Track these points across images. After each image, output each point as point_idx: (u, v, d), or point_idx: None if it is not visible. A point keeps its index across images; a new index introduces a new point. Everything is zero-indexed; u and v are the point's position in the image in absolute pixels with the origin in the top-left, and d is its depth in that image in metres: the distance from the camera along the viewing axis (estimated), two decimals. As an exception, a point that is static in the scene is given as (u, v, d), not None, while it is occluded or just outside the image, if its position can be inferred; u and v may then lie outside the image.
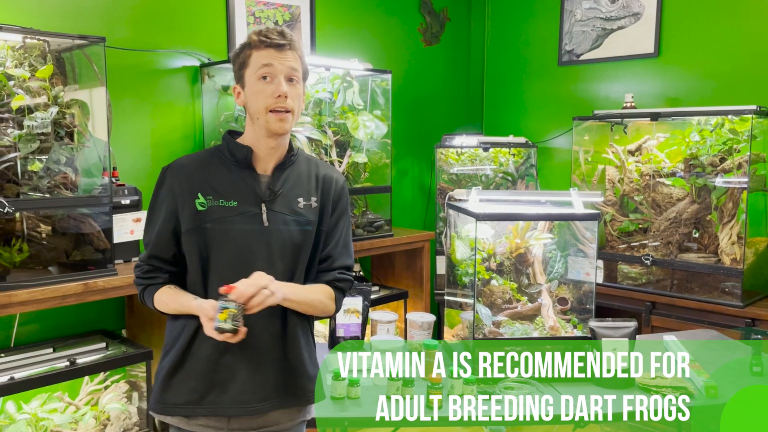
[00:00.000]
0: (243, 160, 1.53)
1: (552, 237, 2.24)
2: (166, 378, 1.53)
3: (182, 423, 1.53)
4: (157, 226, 1.54)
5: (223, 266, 1.50)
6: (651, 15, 3.40)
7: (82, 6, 2.56)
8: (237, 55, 1.52)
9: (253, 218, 1.50)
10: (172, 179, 1.52)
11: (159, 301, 1.55)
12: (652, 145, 3.15)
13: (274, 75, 1.46)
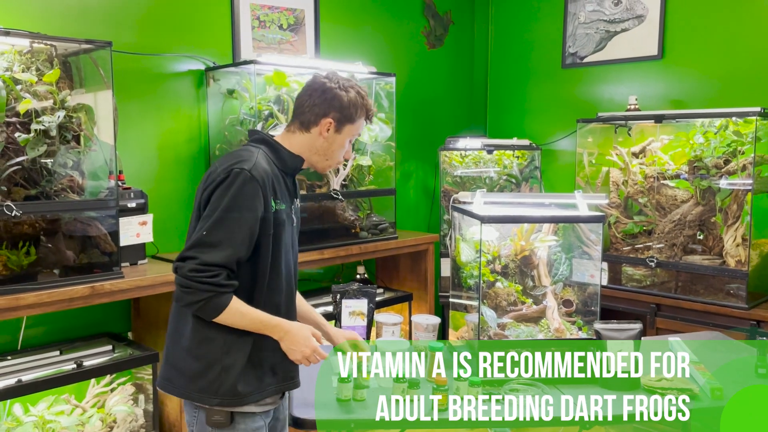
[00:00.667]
0: (293, 169, 1.70)
1: (557, 239, 2.25)
2: (241, 373, 1.58)
3: (251, 408, 1.63)
4: (247, 227, 1.52)
5: (279, 264, 1.63)
6: (654, 17, 3.40)
7: (88, 11, 2.57)
8: (353, 106, 1.67)
9: (290, 220, 1.69)
10: (260, 182, 1.55)
11: (232, 314, 1.53)
12: (656, 147, 3.15)
13: (350, 142, 1.74)
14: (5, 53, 2.14)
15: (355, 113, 1.67)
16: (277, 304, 1.64)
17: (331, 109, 1.65)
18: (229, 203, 1.51)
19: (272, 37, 3.16)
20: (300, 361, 1.62)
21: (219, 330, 1.56)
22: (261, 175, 1.55)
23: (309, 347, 1.61)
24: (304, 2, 3.27)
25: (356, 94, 1.68)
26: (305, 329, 1.63)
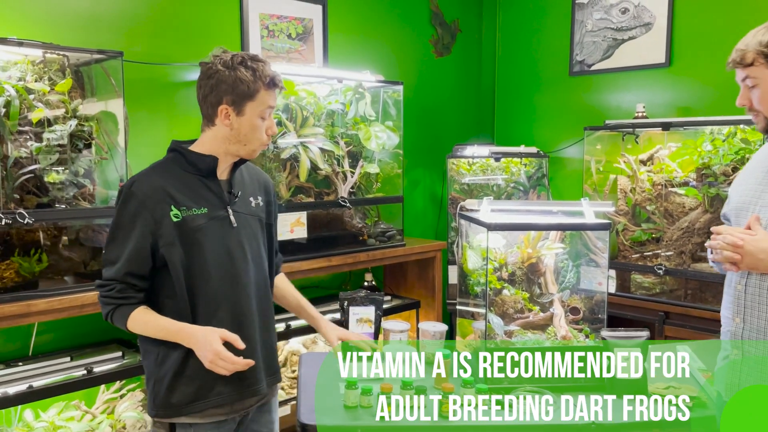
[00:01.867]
0: (207, 169, 1.61)
1: (563, 247, 2.25)
2: (170, 383, 1.57)
3: (193, 419, 1.59)
4: (132, 243, 1.53)
5: (207, 270, 1.57)
6: (662, 25, 3.41)
7: (100, 21, 2.61)
8: (242, 83, 1.54)
9: (224, 221, 1.60)
10: (142, 194, 1.54)
11: (136, 322, 1.55)
12: (663, 155, 3.15)
13: (270, 114, 1.61)
14: (18, 63, 2.17)
15: (248, 88, 1.53)
16: (214, 311, 1.57)
17: (221, 93, 1.54)
18: (115, 220, 1.56)
19: (281, 46, 3.19)
20: (211, 368, 1.50)
21: (153, 343, 1.58)
22: (143, 190, 1.54)
23: (210, 351, 1.48)
24: (313, 12, 3.30)
25: (245, 68, 1.53)
26: (210, 333, 1.50)
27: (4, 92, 2.07)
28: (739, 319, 1.50)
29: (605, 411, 1.88)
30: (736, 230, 1.47)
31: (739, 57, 1.47)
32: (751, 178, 1.53)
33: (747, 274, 1.48)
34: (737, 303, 1.51)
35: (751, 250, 1.41)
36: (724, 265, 1.49)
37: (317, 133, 2.93)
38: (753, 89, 1.45)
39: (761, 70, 1.43)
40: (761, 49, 1.43)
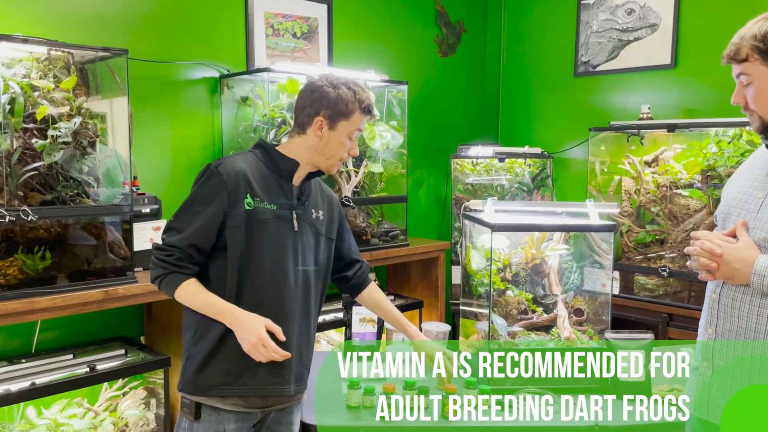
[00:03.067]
0: (287, 171, 1.70)
1: (567, 248, 2.24)
2: (202, 362, 1.62)
3: (217, 402, 1.63)
4: (203, 217, 1.61)
5: (262, 262, 1.64)
6: (668, 26, 3.40)
7: (105, 19, 2.61)
8: (342, 102, 1.67)
9: (288, 222, 1.68)
10: (227, 175, 1.62)
11: (186, 293, 1.61)
12: (668, 156, 3.14)
13: (356, 137, 1.73)
14: (23, 60, 2.17)
15: (346, 108, 1.66)
16: (258, 303, 1.63)
17: (321, 107, 1.66)
18: (193, 194, 1.65)
19: (286, 45, 3.19)
20: (250, 351, 1.57)
21: (194, 320, 1.65)
22: (228, 172, 1.62)
23: (255, 335, 1.55)
24: (318, 11, 3.30)
25: (347, 89, 1.67)
26: (258, 319, 1.58)
27: (8, 89, 2.07)
28: (712, 330, 1.41)
29: (605, 412, 1.88)
30: (716, 236, 1.37)
31: (733, 51, 1.36)
32: (741, 181, 1.45)
33: (722, 284, 1.39)
34: (711, 313, 1.42)
35: (728, 259, 1.32)
36: (701, 274, 1.40)
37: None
38: (747, 87, 1.36)
39: (756, 67, 1.32)
40: (756, 44, 1.31)
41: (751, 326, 1.31)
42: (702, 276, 1.40)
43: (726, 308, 1.37)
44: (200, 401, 1.63)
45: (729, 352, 1.36)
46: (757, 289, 1.29)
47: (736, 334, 1.34)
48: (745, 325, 1.32)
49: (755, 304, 1.30)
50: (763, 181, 1.37)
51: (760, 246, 1.31)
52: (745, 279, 1.29)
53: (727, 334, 1.36)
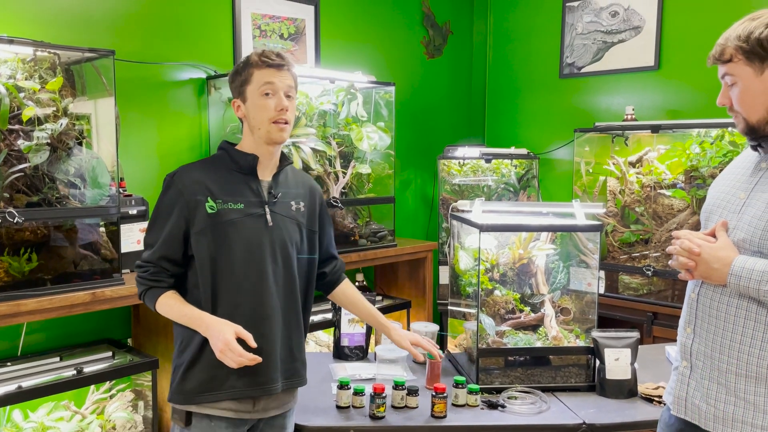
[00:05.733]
0: (248, 166, 1.67)
1: (554, 248, 2.27)
2: (186, 370, 1.63)
3: (207, 409, 1.62)
4: (168, 228, 1.62)
5: (234, 263, 1.62)
6: (651, 28, 3.44)
7: (91, 19, 2.60)
8: (238, 73, 1.67)
9: (259, 219, 1.65)
10: (181, 184, 1.62)
11: (164, 305, 1.63)
12: (652, 157, 3.18)
13: (275, 91, 1.63)
14: (9, 61, 2.16)
15: (243, 75, 1.64)
16: (236, 304, 1.61)
17: (232, 91, 1.69)
18: (156, 207, 1.67)
19: (273, 46, 3.18)
20: (221, 358, 1.54)
21: (180, 330, 1.66)
22: (183, 179, 1.63)
23: (222, 341, 1.52)
24: (305, 12, 3.30)
25: (242, 61, 1.67)
26: (227, 326, 1.55)
27: (-6, 90, 2.05)
28: (690, 330, 1.42)
29: (595, 412, 1.90)
30: (696, 236, 1.37)
31: (718, 52, 1.37)
32: (725, 182, 1.47)
33: (701, 284, 1.39)
34: (690, 313, 1.43)
35: (706, 259, 1.32)
36: (680, 273, 1.40)
37: (309, 133, 2.93)
38: (732, 87, 1.36)
39: (740, 67, 1.33)
40: (740, 44, 1.31)
41: (728, 327, 1.33)
42: (681, 275, 1.41)
43: (704, 308, 1.38)
44: (190, 410, 1.63)
45: (706, 352, 1.37)
46: (734, 289, 1.30)
47: (714, 334, 1.35)
48: (722, 325, 1.34)
49: (732, 305, 1.32)
50: (746, 181, 1.39)
51: (739, 246, 1.32)
52: (722, 279, 1.31)
53: (705, 333, 1.37)
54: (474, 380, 2.05)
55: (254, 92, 1.63)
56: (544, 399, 1.96)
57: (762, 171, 1.36)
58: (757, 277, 1.25)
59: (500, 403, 1.93)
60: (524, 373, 2.09)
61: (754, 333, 1.29)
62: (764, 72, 1.30)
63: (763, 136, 1.36)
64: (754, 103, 1.33)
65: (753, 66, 1.31)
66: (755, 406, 1.30)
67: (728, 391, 1.33)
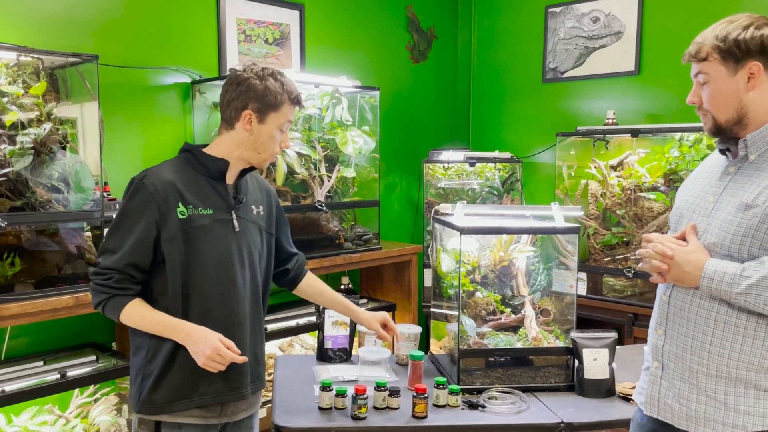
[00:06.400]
0: (217, 172, 1.65)
1: (535, 250, 2.30)
2: (157, 380, 1.58)
3: (177, 417, 1.60)
4: (137, 233, 1.55)
5: (205, 270, 1.60)
6: (632, 34, 3.50)
7: (76, 24, 2.61)
8: (270, 93, 1.61)
9: (227, 224, 1.64)
10: (153, 187, 1.56)
11: (131, 314, 1.56)
12: (633, 161, 3.23)
13: (286, 129, 1.68)
14: (-8, 66, 2.17)
15: (275, 99, 1.61)
16: (206, 311, 1.59)
17: (248, 100, 1.60)
18: (121, 212, 1.59)
19: (258, 51, 3.21)
20: (205, 365, 1.53)
21: (145, 339, 1.60)
22: (154, 183, 1.56)
23: (209, 347, 1.51)
24: (290, 17, 3.32)
25: (274, 80, 1.61)
26: (209, 332, 1.54)
27: (-23, 95, 2.06)
28: (662, 331, 1.45)
29: (574, 411, 1.94)
30: (668, 239, 1.40)
31: (695, 50, 1.41)
32: (694, 185, 1.50)
33: (672, 286, 1.42)
34: (661, 314, 1.45)
35: (678, 262, 1.35)
36: (652, 276, 1.44)
37: (294, 137, 2.95)
38: (704, 86, 1.40)
39: (715, 67, 1.36)
40: (717, 44, 1.35)
41: (699, 328, 1.36)
42: (653, 278, 1.44)
43: (676, 310, 1.41)
44: (160, 420, 1.60)
45: (678, 353, 1.40)
46: (706, 292, 1.34)
47: (684, 336, 1.39)
48: (693, 327, 1.37)
49: (704, 307, 1.35)
50: (715, 185, 1.43)
51: (710, 250, 1.36)
52: (694, 282, 1.34)
53: (677, 335, 1.40)
54: (455, 381, 2.08)
55: (274, 122, 1.62)
56: (524, 399, 1.99)
57: (730, 175, 1.40)
58: (729, 280, 1.29)
59: (480, 403, 1.96)
60: (505, 374, 2.12)
61: (724, 335, 1.32)
62: (737, 73, 1.34)
63: (730, 137, 1.39)
64: (725, 102, 1.36)
65: (727, 66, 1.35)
66: (726, 405, 1.33)
67: (699, 391, 1.36)
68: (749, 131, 1.36)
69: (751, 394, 1.31)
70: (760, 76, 1.33)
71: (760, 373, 1.30)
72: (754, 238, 1.29)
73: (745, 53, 1.32)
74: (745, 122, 1.36)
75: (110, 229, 1.59)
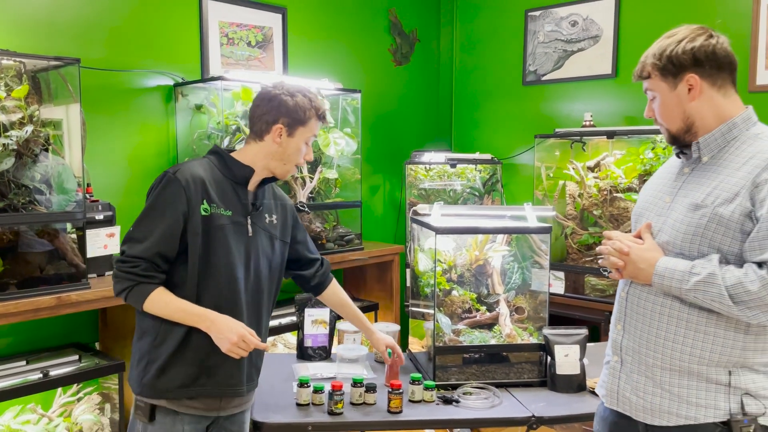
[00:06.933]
0: (242, 178, 1.75)
1: (509, 249, 2.36)
2: (163, 366, 1.65)
3: (173, 405, 1.67)
4: (167, 223, 1.62)
5: (219, 267, 1.68)
6: (609, 38, 3.57)
7: (58, 27, 2.63)
8: (300, 109, 1.73)
9: (242, 228, 1.73)
10: (183, 183, 1.65)
11: (155, 302, 1.62)
12: (609, 162, 3.30)
13: (310, 143, 1.80)
14: (-26, 69, 2.19)
15: (304, 115, 1.73)
16: (216, 306, 1.67)
17: (280, 114, 1.72)
18: (152, 202, 1.66)
19: (241, 53, 3.24)
20: (229, 351, 1.61)
21: (154, 324, 1.67)
22: (186, 178, 1.65)
23: (236, 334, 1.61)
24: (273, 20, 3.36)
25: (303, 96, 1.74)
26: (233, 321, 1.64)
27: (-41, 98, 2.09)
28: (621, 326, 1.50)
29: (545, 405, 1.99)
30: (625, 237, 1.46)
31: (638, 70, 1.48)
32: (653, 186, 1.56)
33: (630, 283, 1.48)
34: (620, 310, 1.51)
35: (634, 259, 1.41)
36: (611, 273, 1.50)
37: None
38: (653, 101, 1.47)
39: (657, 83, 1.43)
40: (654, 62, 1.43)
41: (654, 324, 1.42)
42: (612, 274, 1.50)
43: (633, 306, 1.47)
44: (157, 404, 1.66)
45: (635, 348, 1.46)
46: (658, 288, 1.40)
47: (641, 331, 1.45)
48: (648, 322, 1.43)
49: (658, 303, 1.42)
50: (671, 186, 1.49)
51: (663, 248, 1.42)
52: (647, 279, 1.41)
53: (634, 330, 1.47)
54: (432, 377, 2.13)
55: (302, 136, 1.74)
56: (497, 394, 2.05)
57: (685, 176, 1.46)
58: (679, 277, 1.35)
59: (455, 398, 2.01)
60: (479, 370, 2.17)
61: (677, 330, 1.38)
62: (677, 87, 1.41)
63: (685, 144, 1.46)
64: (672, 115, 1.43)
65: (667, 81, 1.41)
66: (679, 397, 1.39)
67: (655, 384, 1.42)
68: (700, 137, 1.42)
69: (703, 386, 1.37)
70: (698, 86, 1.39)
71: (710, 367, 1.36)
72: (703, 237, 1.35)
73: (680, 67, 1.39)
74: (693, 130, 1.43)
75: (139, 218, 1.66)
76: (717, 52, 1.40)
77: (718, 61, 1.40)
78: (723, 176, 1.37)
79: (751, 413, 1.33)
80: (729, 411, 1.34)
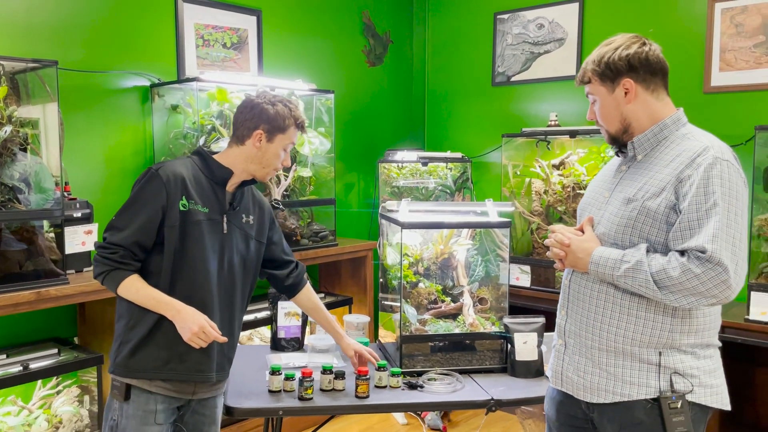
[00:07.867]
0: (221, 178, 1.87)
1: (473, 243, 2.47)
2: (134, 348, 1.76)
3: (146, 384, 1.78)
4: (146, 215, 1.74)
5: (193, 260, 1.79)
6: (573, 40, 3.71)
7: (35, 29, 2.70)
8: (279, 116, 1.85)
9: (217, 225, 1.85)
10: (166, 177, 1.76)
11: (128, 287, 1.75)
12: (573, 160, 3.43)
13: (289, 149, 1.91)
14: (-47, 71, 2.25)
15: (283, 123, 1.85)
16: (188, 297, 1.77)
17: (260, 121, 1.84)
18: (135, 195, 1.79)
19: (216, 55, 3.33)
20: (190, 340, 1.72)
21: (129, 308, 1.79)
22: (167, 175, 1.77)
23: (197, 324, 1.71)
24: (247, 22, 3.45)
25: (283, 106, 1.87)
26: (197, 313, 1.75)
27: (-62, 99, 2.15)
28: (564, 312, 1.62)
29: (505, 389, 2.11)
30: (567, 230, 1.58)
31: (580, 75, 1.60)
32: (596, 182, 1.69)
33: (572, 272, 1.59)
34: (563, 297, 1.63)
35: (573, 249, 1.52)
36: (555, 264, 1.62)
37: (251, 138, 3.07)
38: (594, 104, 1.59)
39: (597, 88, 1.55)
40: (594, 67, 1.54)
41: (592, 308, 1.55)
42: (555, 265, 1.62)
43: (575, 293, 1.60)
44: (130, 383, 1.77)
45: (576, 331, 1.59)
46: (594, 275, 1.53)
47: (581, 315, 1.57)
48: (587, 307, 1.56)
49: (595, 290, 1.54)
50: (610, 182, 1.61)
51: (601, 239, 1.55)
52: (585, 267, 1.53)
53: (575, 315, 1.59)
54: (398, 365, 2.24)
55: (280, 142, 1.86)
56: (460, 380, 2.16)
57: (622, 173, 1.59)
58: (611, 264, 1.47)
59: (419, 384, 2.12)
60: (444, 358, 2.29)
61: (612, 314, 1.51)
62: (614, 91, 1.53)
63: (623, 144, 1.58)
64: (610, 117, 1.56)
65: (605, 85, 1.54)
66: (615, 376, 1.52)
67: (594, 364, 1.54)
68: (635, 137, 1.55)
69: (636, 366, 1.49)
70: (633, 90, 1.52)
71: (642, 348, 1.49)
72: (633, 228, 1.48)
73: (617, 72, 1.52)
74: (630, 131, 1.55)
75: (121, 209, 1.78)
76: (650, 59, 1.52)
77: (651, 67, 1.52)
78: (653, 173, 1.50)
79: (679, 390, 1.46)
80: (659, 388, 1.47)
